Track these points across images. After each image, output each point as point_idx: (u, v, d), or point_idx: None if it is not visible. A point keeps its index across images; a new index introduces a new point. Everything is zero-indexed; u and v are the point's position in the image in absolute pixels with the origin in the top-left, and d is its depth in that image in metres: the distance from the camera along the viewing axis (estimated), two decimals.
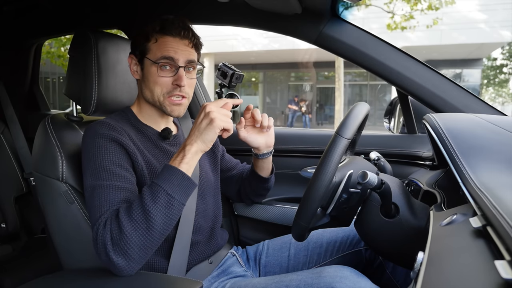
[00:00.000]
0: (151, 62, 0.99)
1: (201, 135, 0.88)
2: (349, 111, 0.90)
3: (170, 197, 0.83)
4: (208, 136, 0.88)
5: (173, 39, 0.99)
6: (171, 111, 1.02)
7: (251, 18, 1.37)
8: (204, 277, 1.06)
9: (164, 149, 1.06)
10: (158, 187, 0.83)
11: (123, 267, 0.81)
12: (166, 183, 0.84)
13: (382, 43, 1.24)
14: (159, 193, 0.83)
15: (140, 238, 0.81)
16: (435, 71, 1.21)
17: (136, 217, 0.81)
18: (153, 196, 0.82)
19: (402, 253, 0.88)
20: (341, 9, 1.24)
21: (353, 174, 0.90)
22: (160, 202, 0.82)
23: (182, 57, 1.00)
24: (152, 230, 0.81)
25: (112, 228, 0.81)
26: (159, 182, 0.84)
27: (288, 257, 1.19)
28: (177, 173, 0.85)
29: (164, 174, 0.86)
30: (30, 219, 1.89)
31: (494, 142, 0.77)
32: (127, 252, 0.80)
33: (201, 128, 0.88)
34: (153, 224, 0.81)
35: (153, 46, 0.99)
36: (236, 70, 1.28)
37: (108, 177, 0.89)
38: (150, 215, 0.81)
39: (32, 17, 1.83)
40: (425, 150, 1.40)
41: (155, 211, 0.81)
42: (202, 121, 0.89)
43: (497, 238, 0.46)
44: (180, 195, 0.85)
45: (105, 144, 0.93)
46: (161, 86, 1.00)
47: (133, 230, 0.80)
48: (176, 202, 0.84)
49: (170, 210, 0.83)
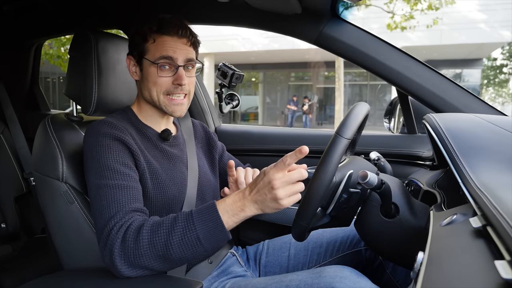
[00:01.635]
0: (150, 62, 0.99)
1: (264, 207, 0.81)
2: (349, 111, 0.90)
3: (199, 243, 0.80)
4: (270, 210, 0.81)
5: (171, 38, 0.99)
6: (172, 111, 1.02)
7: (251, 18, 1.37)
8: (204, 277, 1.06)
9: (163, 150, 1.06)
10: (193, 227, 0.79)
11: (124, 273, 0.81)
12: (202, 228, 0.79)
13: (382, 43, 1.24)
14: (190, 234, 0.79)
15: (151, 261, 0.81)
16: (435, 71, 1.21)
17: (157, 242, 0.80)
18: (183, 233, 0.79)
19: (402, 253, 0.88)
20: (341, 9, 1.24)
21: (353, 174, 0.90)
22: (186, 242, 0.79)
23: (181, 56, 0.99)
24: (166, 260, 0.81)
25: (127, 237, 0.81)
26: (195, 222, 0.80)
27: (288, 257, 1.19)
28: (218, 224, 0.80)
29: (205, 215, 0.81)
30: (30, 219, 1.89)
31: (494, 142, 0.77)
32: (133, 264, 0.81)
33: (265, 203, 0.80)
34: (169, 257, 0.80)
35: (151, 47, 0.99)
36: (236, 70, 1.29)
37: (113, 176, 0.89)
38: (170, 248, 0.79)
39: (32, 17, 1.83)
40: (425, 150, 1.40)
41: (178, 248, 0.80)
42: (267, 197, 0.79)
43: (497, 238, 0.46)
44: (209, 244, 0.81)
45: (108, 143, 0.92)
46: (160, 86, 1.00)
47: (148, 252, 0.80)
48: (202, 249, 0.81)
49: (192, 253, 0.81)
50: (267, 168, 0.82)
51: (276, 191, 0.78)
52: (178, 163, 1.08)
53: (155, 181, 0.99)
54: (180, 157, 1.10)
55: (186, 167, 1.10)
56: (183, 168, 1.09)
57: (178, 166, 1.07)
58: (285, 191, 0.79)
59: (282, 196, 0.79)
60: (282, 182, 0.79)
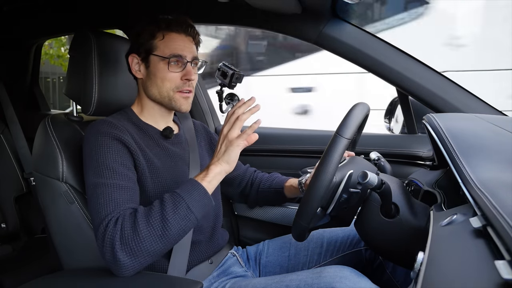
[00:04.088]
0: (161, 58, 1.00)
1: (229, 158, 0.90)
2: (349, 111, 0.90)
3: (189, 211, 0.85)
4: (229, 156, 0.90)
5: (179, 35, 1.02)
6: (180, 105, 1.04)
7: (251, 18, 1.37)
8: (204, 277, 1.06)
9: (165, 148, 1.07)
10: (180, 199, 0.85)
11: (127, 266, 0.81)
12: (188, 196, 0.86)
13: (382, 43, 1.24)
14: (180, 204, 0.84)
15: (152, 243, 0.82)
16: (435, 71, 1.21)
17: (153, 222, 0.82)
18: (174, 206, 0.84)
19: (402, 253, 0.88)
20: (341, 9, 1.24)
21: (353, 174, 0.90)
22: (179, 213, 0.84)
23: (189, 54, 1.03)
24: (165, 238, 0.83)
25: (124, 226, 0.82)
26: (181, 194, 0.86)
27: (288, 257, 1.19)
28: (199, 189, 0.88)
29: (187, 187, 0.88)
30: (30, 219, 1.89)
31: (494, 142, 0.77)
32: (136, 252, 0.81)
33: (226, 151, 0.90)
34: (168, 233, 0.83)
35: (160, 43, 1.01)
36: (236, 70, 1.28)
37: (110, 175, 0.89)
38: (167, 223, 0.82)
39: (32, 17, 1.83)
40: (425, 150, 1.40)
41: (173, 221, 0.83)
42: (224, 144, 0.90)
43: (497, 238, 0.46)
44: (198, 211, 0.86)
45: (107, 143, 0.93)
46: (170, 82, 1.01)
47: (148, 233, 0.82)
48: (193, 217, 0.86)
49: (186, 223, 0.85)
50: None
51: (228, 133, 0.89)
52: (179, 161, 1.08)
53: (156, 179, 0.99)
54: (182, 155, 1.10)
55: (188, 166, 1.10)
56: (184, 166, 1.09)
57: (180, 165, 1.07)
58: (234, 130, 0.89)
59: (234, 134, 0.89)
60: (228, 125, 0.90)
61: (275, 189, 1.27)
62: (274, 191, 1.27)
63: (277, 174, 1.34)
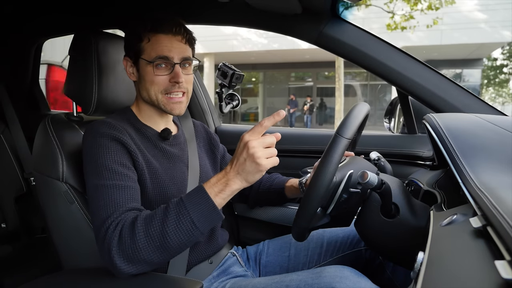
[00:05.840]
0: (146, 62, 0.98)
1: (247, 176, 0.81)
2: (349, 111, 0.90)
3: (194, 226, 0.80)
4: (253, 178, 0.82)
5: (166, 36, 0.99)
6: (171, 110, 1.02)
7: (251, 18, 1.37)
8: (204, 277, 1.06)
9: (163, 149, 1.06)
10: (185, 211, 0.80)
11: (123, 270, 0.81)
12: (194, 211, 0.81)
13: (382, 43, 1.23)
14: (184, 219, 0.80)
15: (150, 253, 0.80)
16: (435, 71, 1.21)
17: (153, 233, 0.80)
18: (178, 219, 0.80)
19: (402, 253, 0.88)
20: (341, 9, 1.24)
21: (353, 174, 0.90)
22: (182, 227, 0.80)
23: (176, 55, 0.99)
24: (164, 250, 0.81)
25: (123, 233, 0.81)
26: (187, 206, 0.81)
27: (288, 257, 1.19)
28: (209, 204, 0.82)
29: (195, 199, 0.82)
30: (30, 219, 1.89)
31: (494, 142, 0.77)
32: (133, 260, 0.81)
33: (246, 169, 0.80)
34: (167, 245, 0.80)
35: (147, 46, 0.99)
36: (236, 70, 1.29)
37: (110, 176, 0.89)
38: (167, 236, 0.80)
39: (32, 17, 1.83)
40: (425, 150, 1.40)
41: (174, 235, 0.80)
42: (246, 161, 0.80)
43: (497, 238, 0.46)
44: (204, 226, 0.82)
45: (106, 143, 0.93)
46: (158, 85, 0.99)
47: (145, 244, 0.80)
48: (198, 232, 0.81)
49: (189, 237, 0.81)
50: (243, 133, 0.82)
51: (253, 150, 0.78)
52: (178, 162, 1.08)
53: (155, 181, 0.99)
54: (181, 156, 1.10)
55: (187, 167, 1.10)
56: (183, 167, 1.09)
57: (179, 166, 1.07)
58: (262, 151, 0.79)
59: (260, 155, 0.78)
60: (258, 142, 0.79)
61: (275, 189, 1.27)
62: (275, 192, 1.27)
63: (277, 174, 1.34)
